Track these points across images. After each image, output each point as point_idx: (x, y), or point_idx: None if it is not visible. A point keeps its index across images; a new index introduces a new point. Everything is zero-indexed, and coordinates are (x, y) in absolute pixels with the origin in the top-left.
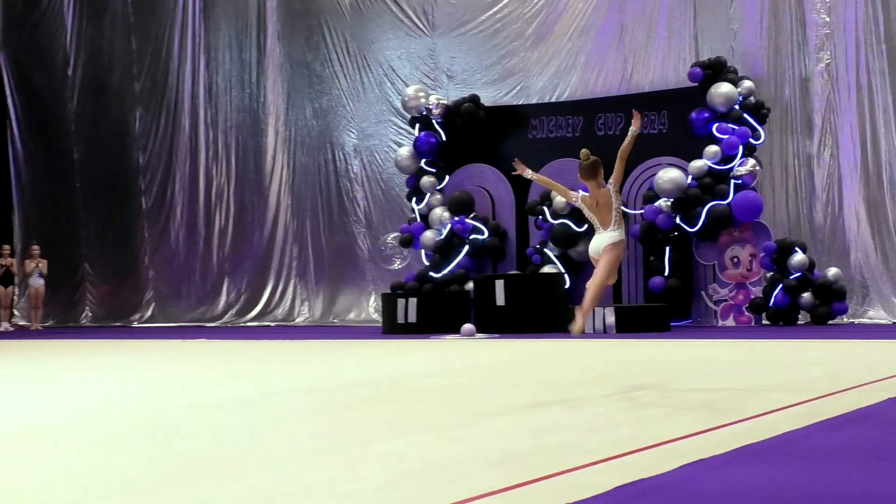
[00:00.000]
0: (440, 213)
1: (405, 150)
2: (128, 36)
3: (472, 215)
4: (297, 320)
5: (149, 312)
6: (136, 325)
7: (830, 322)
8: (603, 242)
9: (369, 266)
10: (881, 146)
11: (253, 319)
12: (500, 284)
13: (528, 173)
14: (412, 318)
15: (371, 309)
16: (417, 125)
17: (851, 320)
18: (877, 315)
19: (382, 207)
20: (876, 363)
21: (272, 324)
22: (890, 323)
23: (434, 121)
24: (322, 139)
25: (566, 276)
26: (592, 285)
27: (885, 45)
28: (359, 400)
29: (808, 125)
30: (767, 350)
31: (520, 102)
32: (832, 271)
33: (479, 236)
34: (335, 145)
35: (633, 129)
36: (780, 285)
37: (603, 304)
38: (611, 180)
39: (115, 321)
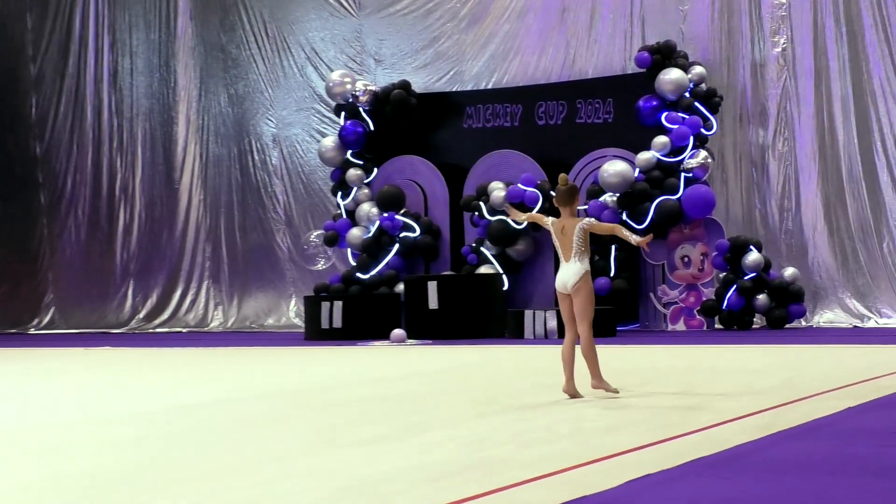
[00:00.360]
0: (368, 208)
1: (329, 141)
2: (22, 14)
3: (402, 211)
4: (211, 326)
5: (48, 318)
6: (33, 331)
7: (787, 326)
8: (568, 279)
9: (290, 267)
10: (839, 137)
11: (162, 325)
12: (432, 286)
13: (521, 217)
14: (337, 322)
15: (292, 313)
16: (343, 113)
17: (809, 324)
18: (836, 318)
19: (304, 203)
20: (834, 370)
21: (184, 330)
22: (850, 327)
23: (361, 109)
24: (238, 128)
25: (504, 276)
26: (585, 352)
27: (844, 28)
28: (278, 412)
29: (763, 114)
30: (720, 356)
31: (454, 89)
32: (789, 271)
33: (411, 234)
34: (252, 135)
35: (636, 241)
36: (734, 286)
37: (543, 307)
38: (589, 220)
39: (10, 328)
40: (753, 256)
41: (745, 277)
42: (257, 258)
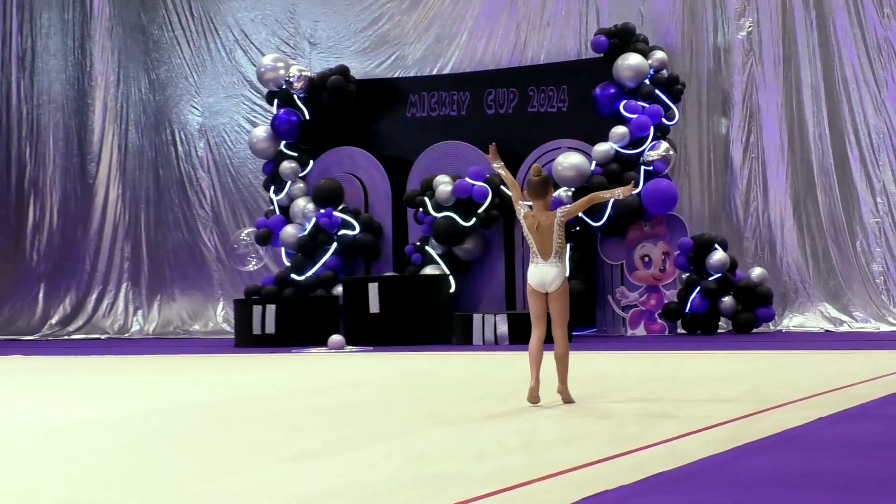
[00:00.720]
0: (303, 204)
1: (261, 131)
2: None
3: (340, 207)
4: (132, 332)
5: None
6: None
7: (755, 330)
8: (548, 278)
9: (217, 268)
10: (808, 127)
11: (78, 331)
12: (373, 288)
13: (499, 164)
14: (270, 328)
15: (220, 318)
16: (275, 101)
17: (778, 328)
18: (807, 322)
19: (233, 198)
20: (804, 378)
21: (102, 336)
22: (821, 331)
23: (295, 96)
24: (160, 116)
25: (451, 278)
26: (559, 358)
27: (814, 12)
28: (205, 425)
29: (728, 103)
30: (683, 363)
31: (396, 75)
32: (756, 272)
33: (350, 232)
34: (176, 124)
35: (620, 193)
36: (698, 288)
37: (493, 310)
38: (564, 209)
39: None
40: (718, 256)
41: (710, 278)
42: (182, 259)
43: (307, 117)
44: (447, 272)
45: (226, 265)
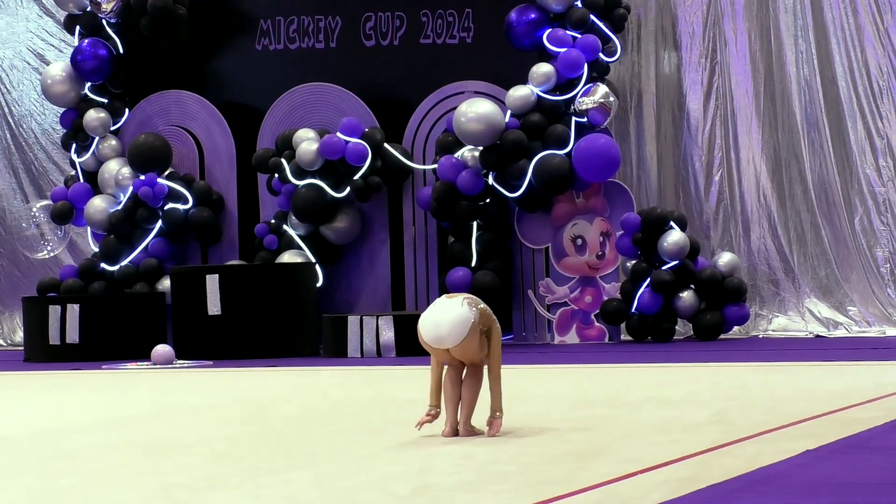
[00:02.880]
0: (116, 168)
1: (57, 69)
2: None
3: (167, 173)
4: None
5: None
6: None
7: (723, 336)
8: (444, 326)
9: None
10: (790, 67)
11: None
12: (212, 282)
13: (433, 412)
14: (73, 336)
15: None
16: (77, 28)
17: (754, 333)
18: (791, 324)
19: (16, 160)
20: (787, 399)
21: None
22: (810, 336)
23: (105, 21)
24: None
25: (318, 267)
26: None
27: None
28: None
29: (686, 34)
30: (627, 381)
31: None
32: (725, 258)
33: (180, 206)
34: None
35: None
36: (648, 280)
37: (375, 311)
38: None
39: None
40: (675, 237)
41: (664, 267)
42: None
43: (121, 51)
44: (312, 260)
45: (2, 250)
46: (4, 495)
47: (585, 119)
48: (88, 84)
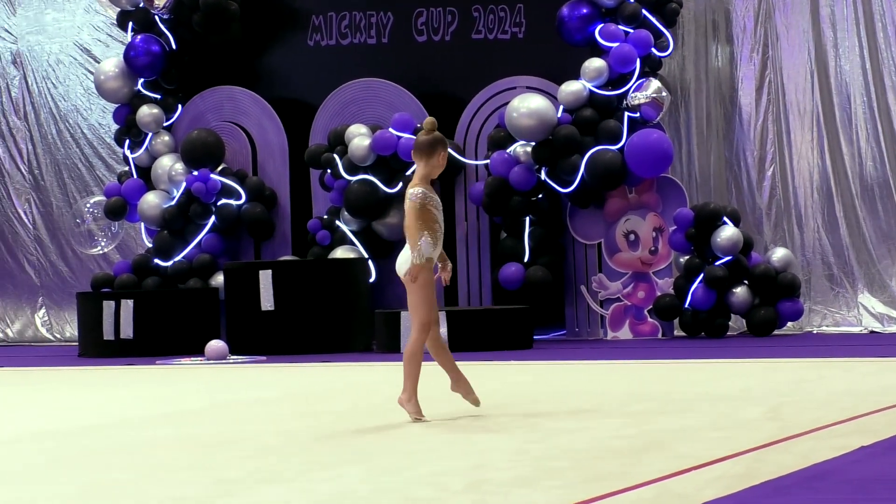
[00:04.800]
0: (169, 164)
1: (111, 65)
2: None
3: (220, 168)
4: None
5: None
6: None
7: (776, 332)
8: (401, 263)
9: (37, 252)
10: (840, 60)
11: None
12: (265, 278)
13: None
14: (127, 331)
15: (38, 322)
16: (130, 24)
17: (807, 328)
18: (845, 320)
19: (65, 156)
20: (841, 394)
21: None
22: (865, 332)
23: (158, 18)
24: None
25: (371, 263)
26: (404, 357)
27: None
28: (33, 464)
29: (738, 28)
30: (680, 377)
31: None
32: (778, 254)
33: (232, 202)
34: None
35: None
36: (701, 276)
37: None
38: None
39: None
40: (728, 233)
41: (717, 263)
42: None
43: (174, 47)
44: (365, 255)
45: (47, 247)
46: (59, 489)
47: (638, 114)
48: (141, 80)
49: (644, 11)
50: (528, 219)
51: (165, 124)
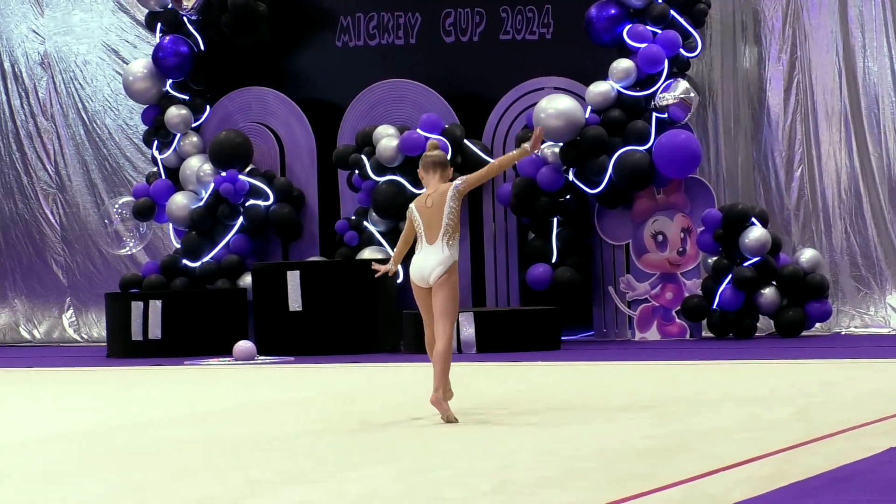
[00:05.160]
0: (197, 165)
1: (139, 66)
2: None
3: (248, 169)
4: None
5: None
6: None
7: (805, 333)
8: (430, 269)
9: (64, 253)
10: (868, 61)
11: None
12: (293, 278)
13: (390, 266)
14: (155, 332)
15: (66, 323)
16: (158, 25)
17: (836, 330)
18: (874, 321)
19: (93, 157)
20: (870, 395)
21: None
22: (893, 333)
23: (186, 19)
24: None
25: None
26: (438, 356)
27: None
28: (62, 463)
29: (766, 28)
30: (708, 378)
31: None
32: (807, 255)
33: (260, 202)
34: (7, 53)
35: (527, 146)
36: (729, 276)
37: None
38: (464, 179)
39: None
40: (756, 233)
41: (745, 263)
42: (12, 239)
43: (202, 48)
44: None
45: (74, 248)
46: (89, 488)
47: (666, 115)
48: (170, 81)
49: (672, 12)
50: (555, 219)
51: (194, 125)
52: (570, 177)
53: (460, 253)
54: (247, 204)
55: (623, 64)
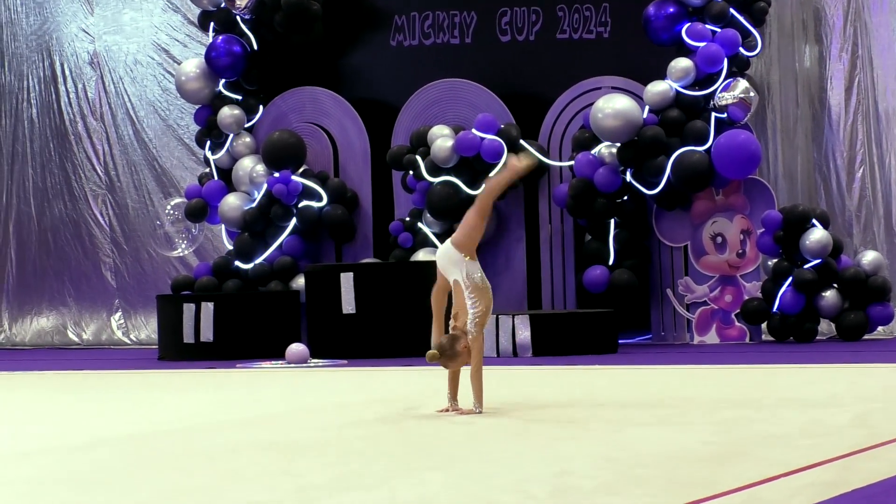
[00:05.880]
0: (250, 166)
1: (191, 66)
2: None
3: (301, 170)
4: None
5: None
6: None
7: (867, 336)
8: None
9: (112, 253)
10: None
11: None
12: (347, 280)
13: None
14: (207, 334)
15: (114, 326)
16: (211, 25)
17: None
18: None
19: (141, 157)
20: None
21: None
22: None
23: (239, 18)
24: (37, 42)
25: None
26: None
27: None
28: (112, 468)
29: (827, 26)
30: (768, 382)
31: None
32: (869, 257)
33: (314, 203)
34: (58, 52)
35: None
36: (790, 279)
37: (511, 310)
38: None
39: None
40: (817, 235)
41: (806, 266)
42: (62, 241)
43: (255, 47)
44: None
45: (123, 249)
46: (140, 493)
47: (725, 115)
48: (223, 81)
49: (732, 10)
50: (612, 221)
51: (246, 125)
52: (628, 178)
53: (516, 254)
54: (300, 205)
55: (682, 63)
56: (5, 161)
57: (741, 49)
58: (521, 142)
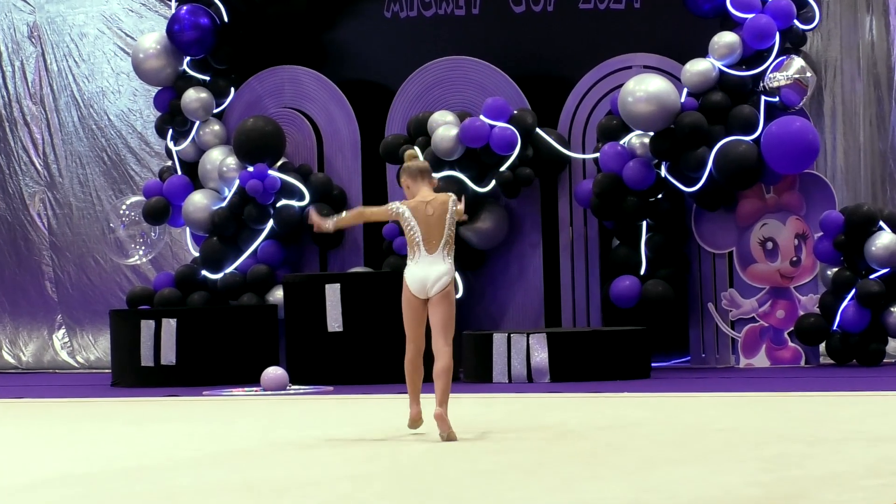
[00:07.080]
0: (220, 158)
1: (151, 41)
2: None
3: (279, 163)
4: None
5: None
6: None
7: None
8: (432, 277)
9: (53, 262)
10: None
11: None
12: (333, 293)
13: (329, 224)
14: (169, 356)
15: (58, 346)
16: None
17: None
18: None
19: (92, 147)
20: None
21: None
22: None
23: None
24: None
25: (457, 276)
26: (441, 372)
27: None
28: None
29: None
30: (827, 412)
31: None
32: None
33: (294, 202)
34: None
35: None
36: (853, 292)
37: (526, 328)
38: (455, 199)
39: None
40: (885, 240)
41: (872, 276)
42: None
43: (225, 19)
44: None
45: (65, 256)
46: None
47: (777, 98)
48: (187, 59)
49: None
50: (645, 223)
51: (215, 111)
52: (663, 172)
53: (531, 263)
54: (278, 204)
55: (726, 38)
56: None
57: (796, 21)
58: (538, 130)
